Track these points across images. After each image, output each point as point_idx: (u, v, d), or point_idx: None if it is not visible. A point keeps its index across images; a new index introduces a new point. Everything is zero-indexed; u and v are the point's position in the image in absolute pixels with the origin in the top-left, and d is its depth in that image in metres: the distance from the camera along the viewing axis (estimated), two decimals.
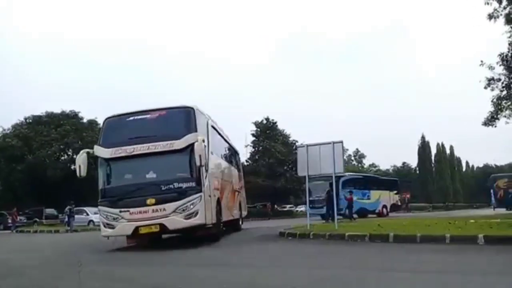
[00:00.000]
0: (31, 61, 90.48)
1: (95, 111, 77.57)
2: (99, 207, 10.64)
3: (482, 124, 18.95)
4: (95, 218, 31.26)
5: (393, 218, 22.89)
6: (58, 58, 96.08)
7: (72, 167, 44.98)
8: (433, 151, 78.54)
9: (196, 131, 10.54)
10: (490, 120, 18.60)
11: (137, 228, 10.02)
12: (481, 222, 12.36)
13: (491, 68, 17.59)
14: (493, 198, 36.41)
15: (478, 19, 17.39)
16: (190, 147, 10.21)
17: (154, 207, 9.95)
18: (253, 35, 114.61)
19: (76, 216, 26.72)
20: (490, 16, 16.51)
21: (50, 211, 35.92)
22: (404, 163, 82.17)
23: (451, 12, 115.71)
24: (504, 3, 16.13)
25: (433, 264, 6.48)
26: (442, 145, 79.03)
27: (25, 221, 32.80)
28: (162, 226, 9.98)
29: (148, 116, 10.93)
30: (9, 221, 29.61)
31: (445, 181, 75.48)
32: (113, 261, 8.95)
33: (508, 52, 17.00)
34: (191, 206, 10.02)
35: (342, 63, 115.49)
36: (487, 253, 7.43)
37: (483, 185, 52.21)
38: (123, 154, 10.36)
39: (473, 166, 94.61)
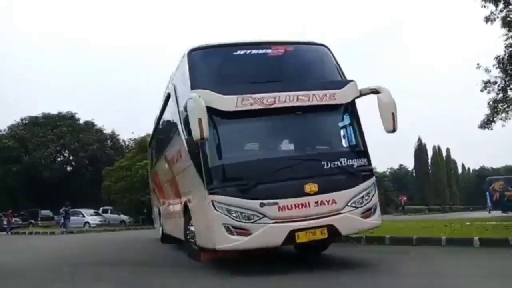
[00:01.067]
0: (30, 61, 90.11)
1: (95, 111, 77.63)
2: (214, 197, 5.96)
3: (479, 127, 19.03)
4: (91, 219, 31.42)
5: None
6: (57, 58, 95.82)
7: (68, 168, 45.19)
8: (430, 153, 78.79)
9: (346, 78, 7.10)
10: (486, 123, 18.68)
11: (292, 234, 5.89)
12: (476, 225, 12.38)
13: (487, 71, 17.67)
14: (488, 201, 36.52)
15: (477, 20, 17.55)
16: (352, 103, 6.82)
17: (318, 198, 6.02)
18: (254, 35, 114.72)
19: (71, 217, 26.60)
20: (487, 19, 16.58)
21: (45, 212, 35.85)
22: (400, 165, 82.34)
23: (450, 13, 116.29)
24: (501, 6, 16.21)
25: (429, 266, 6.47)
26: (439, 147, 79.20)
27: (20, 222, 32.67)
28: (331, 229, 6.05)
29: (269, 51, 7.11)
30: (5, 222, 29.44)
31: (442, 183, 75.65)
32: None
33: (505, 55, 17.08)
34: (367, 197, 6.35)
35: (342, 63, 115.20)
36: (483, 255, 7.45)
37: (479, 187, 52.41)
38: (256, 107, 6.19)
39: (469, 168, 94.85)
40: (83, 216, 31.60)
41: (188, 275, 6.73)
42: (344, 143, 6.86)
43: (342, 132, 6.91)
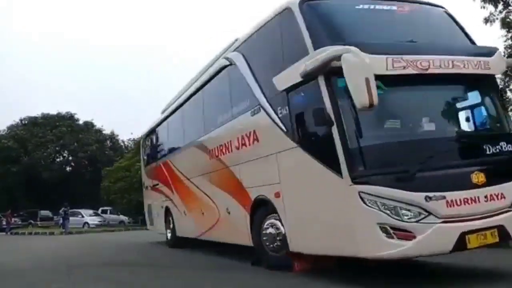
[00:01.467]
0: (30, 61, 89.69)
1: (94, 111, 77.45)
2: (362, 187, 4.61)
3: None
4: (90, 220, 31.37)
5: None
6: (57, 58, 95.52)
7: (68, 168, 45.19)
8: None
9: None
10: None
11: (462, 237, 4.60)
12: None
13: None
14: None
15: (477, 21, 17.60)
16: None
17: (487, 191, 4.80)
18: None
19: (71, 218, 26.60)
20: (486, 20, 16.60)
21: (45, 213, 35.80)
22: None
23: (453, 12, 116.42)
24: (500, 7, 16.24)
25: (427, 267, 6.48)
26: None
27: (19, 222, 32.67)
28: (501, 231, 4.80)
29: (394, 8, 5.83)
30: (4, 223, 29.44)
31: None
32: None
33: (504, 56, 17.11)
34: None
35: None
36: (480, 255, 7.44)
37: None
38: (410, 71, 4.89)
39: None
40: (82, 216, 31.54)
41: (193, 276, 6.74)
42: (498, 123, 5.66)
43: (493, 109, 5.67)
